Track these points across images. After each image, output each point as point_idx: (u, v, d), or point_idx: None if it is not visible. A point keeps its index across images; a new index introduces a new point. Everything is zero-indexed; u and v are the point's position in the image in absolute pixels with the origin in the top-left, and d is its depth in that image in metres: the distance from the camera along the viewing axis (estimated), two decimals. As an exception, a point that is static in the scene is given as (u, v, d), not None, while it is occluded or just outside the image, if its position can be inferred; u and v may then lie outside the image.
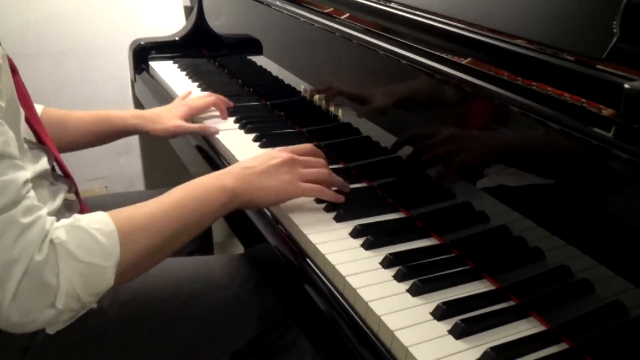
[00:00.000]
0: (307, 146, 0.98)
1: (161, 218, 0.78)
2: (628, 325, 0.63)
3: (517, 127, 0.76)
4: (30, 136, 0.92)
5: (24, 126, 0.88)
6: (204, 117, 1.30)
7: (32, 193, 0.70)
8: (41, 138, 0.92)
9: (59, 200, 0.92)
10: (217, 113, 1.30)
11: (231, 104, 1.33)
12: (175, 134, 1.22)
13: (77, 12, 1.82)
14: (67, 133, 1.15)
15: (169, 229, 0.78)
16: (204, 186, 0.84)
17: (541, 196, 0.73)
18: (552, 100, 0.70)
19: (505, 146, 0.79)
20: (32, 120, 0.91)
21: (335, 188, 0.94)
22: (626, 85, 0.61)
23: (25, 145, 0.88)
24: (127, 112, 1.23)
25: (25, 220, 0.67)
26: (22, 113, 0.87)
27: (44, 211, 0.70)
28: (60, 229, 0.70)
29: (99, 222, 0.73)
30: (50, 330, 0.74)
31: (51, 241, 0.68)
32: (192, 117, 1.27)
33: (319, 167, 0.93)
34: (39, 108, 1.11)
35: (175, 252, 0.82)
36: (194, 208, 0.81)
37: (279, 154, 0.91)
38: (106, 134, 1.20)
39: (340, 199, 0.92)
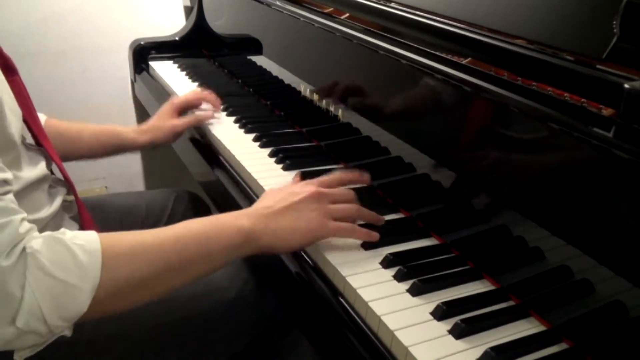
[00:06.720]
0: (335, 177, 0.88)
1: (156, 248, 0.71)
2: (628, 325, 0.63)
3: (517, 127, 0.76)
4: (30, 138, 0.91)
5: (22, 127, 0.87)
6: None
7: (9, 196, 0.66)
8: (40, 141, 0.92)
9: (57, 203, 0.91)
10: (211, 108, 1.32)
11: (218, 105, 1.31)
12: (174, 133, 1.23)
13: (78, 12, 1.82)
14: (77, 147, 1.14)
15: (164, 262, 0.70)
16: (218, 222, 0.77)
17: (541, 196, 0.73)
18: (552, 100, 0.70)
19: (505, 146, 0.78)
20: (31, 123, 0.90)
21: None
22: (626, 85, 0.61)
23: (23, 147, 0.87)
24: (128, 128, 1.23)
25: None
26: (19, 112, 0.86)
27: (20, 216, 0.65)
28: (38, 239, 0.65)
29: (83, 238, 0.67)
30: (19, 357, 0.67)
31: (24, 249, 0.63)
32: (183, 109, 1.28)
33: (348, 201, 0.84)
34: (41, 118, 1.11)
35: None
36: (201, 243, 0.73)
37: (303, 188, 0.82)
38: (111, 149, 1.20)
39: (375, 236, 0.82)
